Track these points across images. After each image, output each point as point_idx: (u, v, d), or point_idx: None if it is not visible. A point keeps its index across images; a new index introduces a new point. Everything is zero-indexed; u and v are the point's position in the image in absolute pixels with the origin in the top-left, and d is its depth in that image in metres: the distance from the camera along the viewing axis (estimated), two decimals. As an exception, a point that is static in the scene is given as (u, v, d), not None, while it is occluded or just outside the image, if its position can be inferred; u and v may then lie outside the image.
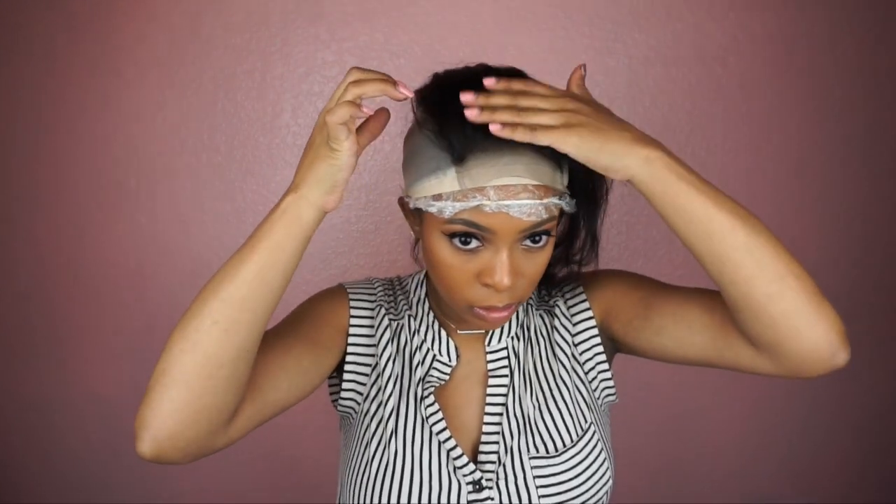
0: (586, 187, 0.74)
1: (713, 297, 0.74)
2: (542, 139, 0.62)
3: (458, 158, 0.65)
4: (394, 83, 0.61)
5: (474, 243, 0.67)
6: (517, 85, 0.66)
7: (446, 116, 0.66)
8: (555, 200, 0.67)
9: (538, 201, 0.65)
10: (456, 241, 0.68)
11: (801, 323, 0.64)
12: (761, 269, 0.63)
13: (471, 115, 0.63)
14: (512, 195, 0.64)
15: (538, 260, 0.70)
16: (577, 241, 0.79)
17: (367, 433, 0.78)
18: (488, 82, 0.65)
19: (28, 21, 1.50)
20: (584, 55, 1.51)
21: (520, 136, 0.62)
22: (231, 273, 0.63)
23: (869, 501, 1.71)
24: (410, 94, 0.62)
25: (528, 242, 0.69)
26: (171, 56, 1.50)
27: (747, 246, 0.63)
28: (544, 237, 0.69)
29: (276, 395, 0.71)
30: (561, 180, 0.69)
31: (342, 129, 0.60)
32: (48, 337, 1.60)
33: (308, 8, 1.49)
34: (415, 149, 0.70)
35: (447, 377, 0.80)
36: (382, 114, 0.66)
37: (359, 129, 0.65)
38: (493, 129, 0.62)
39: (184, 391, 0.61)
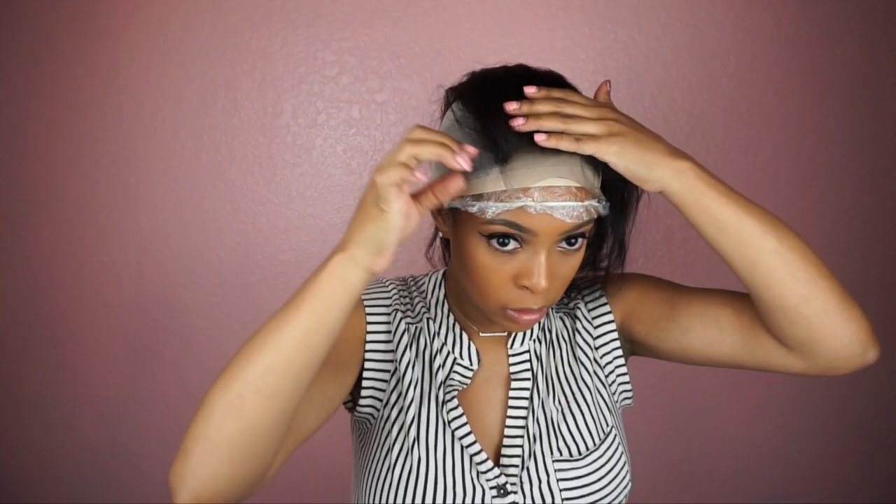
0: (619, 193, 0.73)
1: (740, 299, 0.75)
2: (587, 149, 0.63)
3: (503, 158, 0.64)
4: (452, 150, 0.59)
5: (512, 244, 0.67)
6: (557, 93, 0.67)
7: (489, 115, 0.66)
8: (594, 203, 0.67)
9: (580, 203, 0.65)
10: (494, 241, 0.67)
11: (833, 322, 0.67)
12: (793, 272, 0.66)
13: (517, 123, 0.63)
14: (556, 197, 0.64)
15: (572, 262, 0.70)
16: (605, 246, 0.78)
17: (388, 439, 0.77)
18: (529, 91, 0.66)
19: (28, 22, 1.50)
20: (584, 55, 1.52)
21: (565, 145, 0.63)
22: (275, 336, 0.60)
23: (874, 501, 1.71)
24: (469, 168, 0.59)
25: (564, 245, 0.68)
26: (171, 56, 1.50)
27: (778, 250, 0.65)
28: (580, 240, 0.69)
29: (305, 428, 0.70)
30: (598, 183, 0.69)
31: (392, 190, 0.58)
32: (48, 336, 1.60)
33: (308, 8, 1.49)
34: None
35: (469, 381, 0.79)
36: (454, 180, 0.61)
37: (424, 192, 0.63)
38: (539, 139, 0.62)
39: (226, 458, 0.59)
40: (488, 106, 0.66)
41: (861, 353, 0.69)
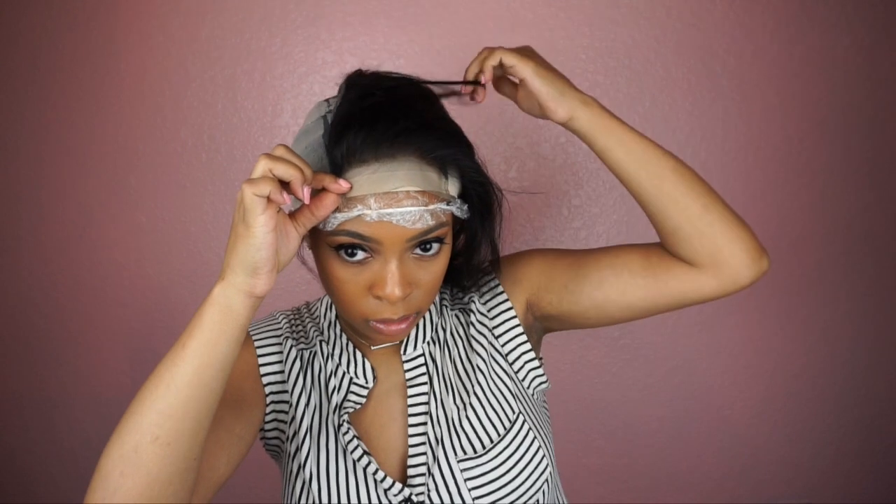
0: (480, 197, 0.72)
1: (644, 244, 0.79)
2: (505, 57, 0.70)
3: (339, 167, 0.63)
4: (304, 178, 0.58)
5: (361, 254, 0.65)
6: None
7: (335, 122, 0.64)
8: (442, 206, 0.65)
9: (423, 208, 0.64)
10: (342, 253, 0.66)
11: (732, 228, 0.73)
12: (693, 185, 0.73)
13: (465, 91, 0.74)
14: (394, 203, 0.63)
15: (432, 269, 0.69)
16: (478, 251, 0.77)
17: (290, 476, 0.76)
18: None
19: (29, 23, 1.50)
20: (584, 55, 1.51)
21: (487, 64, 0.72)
22: (165, 379, 0.57)
23: (874, 501, 1.71)
24: (307, 203, 0.59)
25: (418, 251, 0.67)
26: (171, 56, 1.50)
27: (677, 168, 0.73)
28: (435, 245, 0.67)
29: (217, 473, 0.68)
30: (447, 187, 0.67)
31: (259, 202, 0.56)
32: (48, 337, 1.60)
33: (308, 8, 1.49)
34: (309, 147, 0.68)
35: (364, 400, 0.77)
36: (330, 196, 0.62)
37: (301, 210, 0.62)
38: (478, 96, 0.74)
39: None
40: (338, 112, 0.65)
41: (758, 258, 0.74)
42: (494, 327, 0.82)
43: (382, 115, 0.64)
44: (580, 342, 1.62)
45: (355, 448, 0.73)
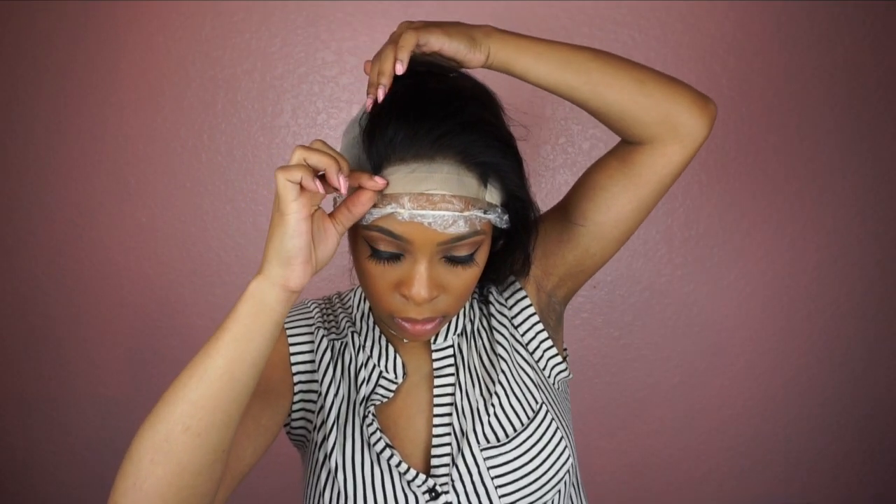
0: (517, 211, 0.71)
1: (598, 162, 0.79)
2: (421, 38, 0.67)
3: (377, 163, 0.64)
4: (338, 168, 0.58)
5: (393, 252, 0.66)
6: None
7: (376, 119, 0.64)
8: (478, 214, 0.64)
9: (458, 213, 0.63)
10: (375, 248, 0.66)
11: (670, 87, 0.72)
12: (619, 65, 0.72)
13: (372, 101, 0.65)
14: (428, 205, 0.62)
15: (464, 276, 0.68)
16: (510, 259, 0.77)
17: (316, 466, 0.76)
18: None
19: (28, 22, 1.50)
20: (584, 55, 1.52)
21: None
22: (199, 371, 0.58)
23: (873, 501, 1.71)
24: (343, 191, 0.59)
25: (451, 255, 0.67)
26: (171, 56, 1.50)
27: (596, 56, 0.71)
28: (469, 252, 0.67)
29: (242, 463, 0.68)
30: (486, 195, 0.66)
31: (291, 188, 0.56)
32: (48, 336, 1.59)
33: (308, 8, 1.49)
34: (346, 145, 0.69)
35: (391, 394, 0.77)
36: (366, 193, 0.62)
37: (339, 209, 0.63)
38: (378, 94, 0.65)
39: None
40: (380, 108, 0.65)
41: (704, 105, 0.73)
42: (513, 317, 0.82)
43: (428, 114, 0.63)
44: (580, 342, 1.62)
45: (378, 440, 0.74)
